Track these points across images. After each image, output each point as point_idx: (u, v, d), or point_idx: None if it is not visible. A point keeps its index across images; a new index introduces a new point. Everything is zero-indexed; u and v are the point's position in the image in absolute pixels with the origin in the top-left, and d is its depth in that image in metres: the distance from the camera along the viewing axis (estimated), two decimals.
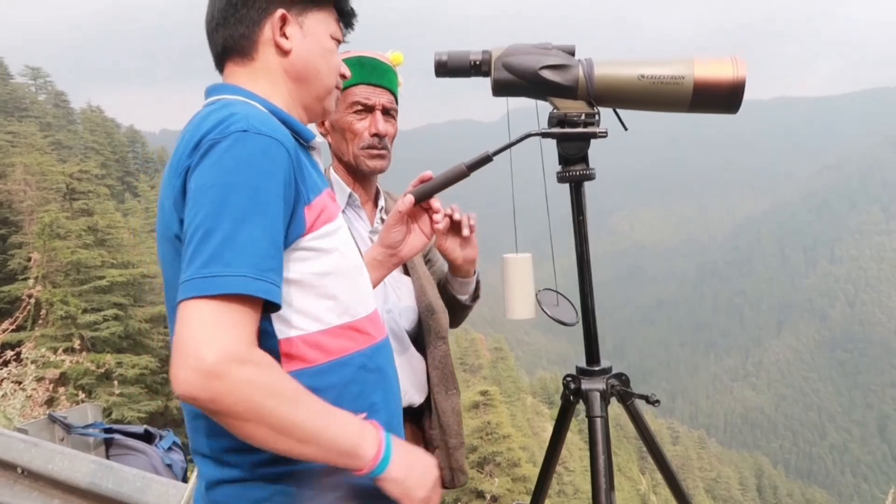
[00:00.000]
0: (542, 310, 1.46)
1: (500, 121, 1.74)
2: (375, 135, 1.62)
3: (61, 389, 6.42)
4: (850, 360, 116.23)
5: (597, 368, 1.47)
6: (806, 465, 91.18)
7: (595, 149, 1.41)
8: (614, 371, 1.49)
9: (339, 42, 1.23)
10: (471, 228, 1.53)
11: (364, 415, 1.09)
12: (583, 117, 1.37)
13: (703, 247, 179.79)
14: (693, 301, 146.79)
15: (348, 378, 1.10)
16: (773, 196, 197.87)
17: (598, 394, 1.43)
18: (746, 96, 1.37)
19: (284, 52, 1.15)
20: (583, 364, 1.50)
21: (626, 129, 1.45)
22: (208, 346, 0.89)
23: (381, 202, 1.74)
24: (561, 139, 1.39)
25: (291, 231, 1.03)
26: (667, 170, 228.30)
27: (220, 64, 1.19)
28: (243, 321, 0.93)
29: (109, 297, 18.09)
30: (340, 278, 1.10)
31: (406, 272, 1.74)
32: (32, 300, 6.68)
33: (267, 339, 1.03)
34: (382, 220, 1.71)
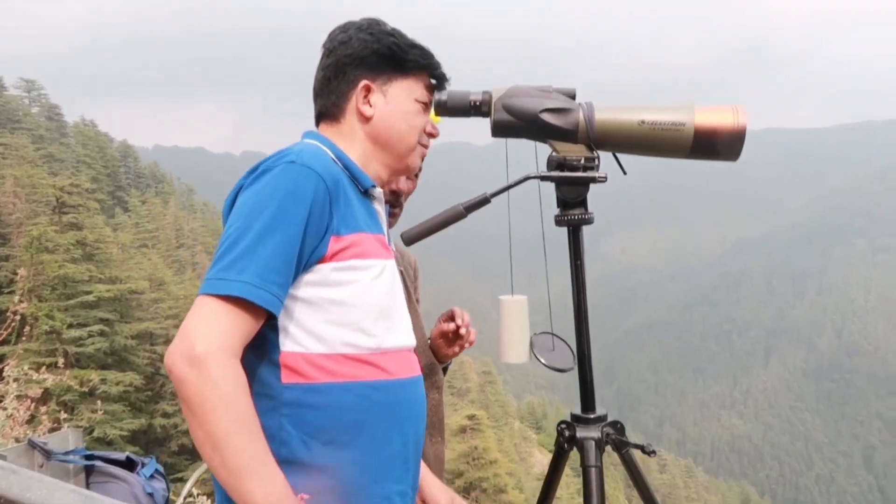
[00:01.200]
0: (536, 357, 1.44)
1: (494, 144, 1.73)
2: (394, 192, 1.62)
3: (43, 408, 6.30)
4: (837, 391, 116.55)
5: (592, 416, 1.44)
6: (792, 495, 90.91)
7: None
8: (610, 419, 1.45)
9: (425, 104, 1.34)
10: (467, 331, 1.67)
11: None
12: (582, 161, 1.36)
13: (692, 272, 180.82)
14: (682, 326, 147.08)
15: (347, 404, 1.15)
16: (762, 224, 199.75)
17: (593, 442, 1.40)
18: None
19: (366, 118, 1.30)
20: (578, 410, 1.46)
21: (625, 173, 1.43)
22: (201, 338, 1.04)
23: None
24: (560, 183, 1.38)
25: (313, 254, 1.14)
26: (658, 195, 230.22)
27: (317, 124, 1.36)
28: (238, 325, 1.07)
29: (96, 312, 17.88)
30: (354, 311, 1.17)
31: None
32: (17, 316, 6.58)
33: (270, 348, 1.14)
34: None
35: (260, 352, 1.15)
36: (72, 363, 16.00)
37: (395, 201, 1.64)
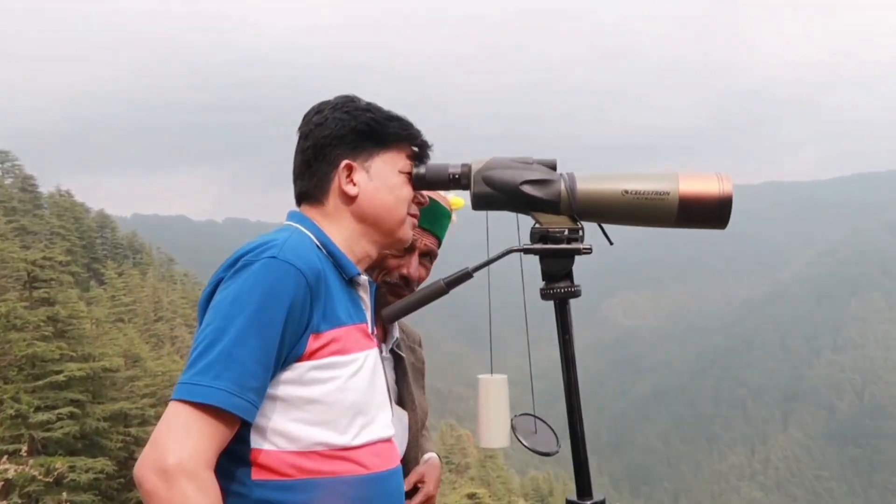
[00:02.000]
0: (518, 439, 1.42)
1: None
2: (405, 276, 1.64)
3: (3, 502, 6.11)
4: (864, 457, 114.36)
5: (589, 503, 1.42)
6: None
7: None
8: (612, 502, 1.43)
9: (410, 175, 1.39)
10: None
11: None
12: (566, 233, 1.38)
13: (700, 334, 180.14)
14: (693, 392, 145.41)
15: (319, 499, 1.16)
16: (770, 281, 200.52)
17: None
18: (736, 180, 1.40)
19: (351, 198, 1.33)
20: (573, 496, 1.44)
21: (611, 243, 1.46)
22: (173, 449, 1.05)
23: (396, 333, 1.71)
24: (544, 255, 1.40)
25: (290, 353, 1.16)
26: (658, 254, 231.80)
27: (298, 204, 1.39)
28: (212, 433, 1.08)
29: (66, 393, 17.52)
30: (330, 410, 1.19)
31: (401, 403, 1.71)
32: None
33: (240, 445, 1.15)
34: (393, 352, 1.71)
35: (230, 448, 1.14)
36: (38, 450, 15.59)
37: (405, 284, 1.63)
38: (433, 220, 1.68)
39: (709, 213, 1.37)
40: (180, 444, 1.04)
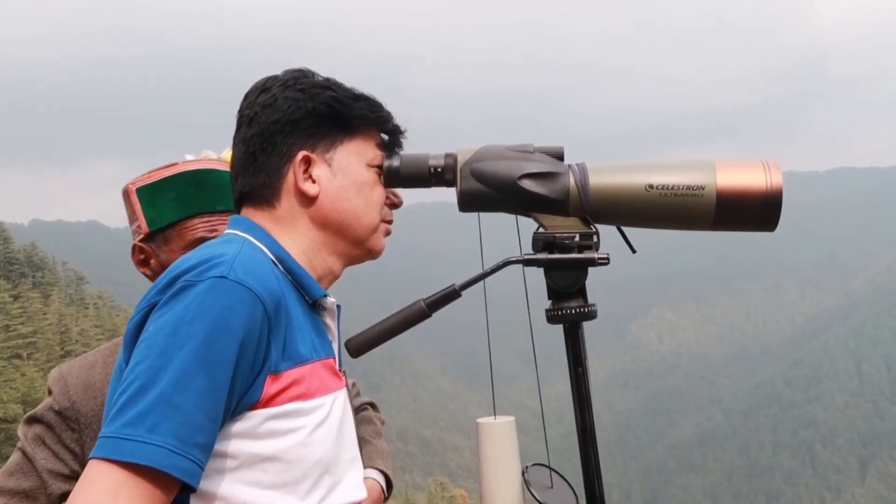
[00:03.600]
0: (532, 494, 1.42)
1: None
2: None
3: None
4: None
5: None
6: None
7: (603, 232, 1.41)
8: None
9: (380, 169, 1.39)
10: None
11: None
12: (577, 239, 1.37)
13: (755, 362, 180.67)
14: (746, 436, 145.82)
15: None
16: (841, 293, 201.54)
17: None
18: (796, 166, 1.40)
19: (310, 199, 1.32)
20: None
21: (634, 251, 1.47)
22: None
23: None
24: (549, 267, 1.38)
25: (243, 399, 1.14)
26: (700, 261, 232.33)
27: (238, 208, 1.37)
28: (146, 499, 1.05)
29: None
30: (291, 469, 1.18)
31: None
32: None
33: None
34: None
35: None
36: None
37: None
38: (225, 197, 1.62)
39: (754, 212, 1.37)
40: None
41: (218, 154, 1.76)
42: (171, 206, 1.65)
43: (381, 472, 1.88)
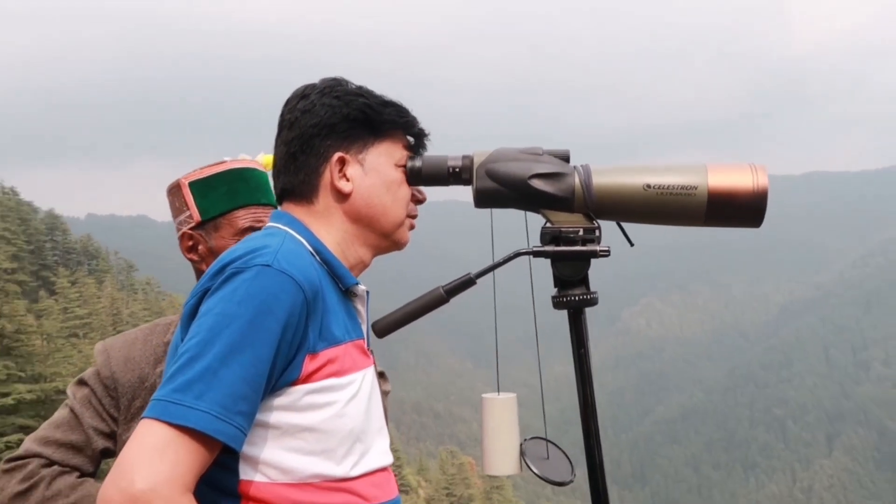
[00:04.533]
0: (528, 465, 1.43)
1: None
2: None
3: None
4: None
5: None
6: None
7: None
8: None
9: (405, 167, 1.41)
10: None
11: None
12: (581, 233, 1.39)
13: (733, 346, 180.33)
14: (725, 412, 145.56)
15: None
16: (812, 286, 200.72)
17: None
18: (773, 170, 1.40)
19: (344, 195, 1.34)
20: None
21: (632, 244, 1.47)
22: (143, 473, 1.02)
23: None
24: (555, 258, 1.40)
25: (283, 376, 1.17)
26: (684, 255, 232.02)
27: (279, 202, 1.40)
28: (190, 459, 1.06)
29: (15, 418, 17.54)
30: (327, 438, 1.20)
31: None
32: None
33: (225, 475, 1.16)
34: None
35: (214, 479, 1.15)
36: None
37: None
38: (267, 191, 1.73)
39: (742, 209, 1.38)
40: (153, 468, 1.02)
41: (252, 157, 1.81)
42: (222, 198, 1.70)
43: None
